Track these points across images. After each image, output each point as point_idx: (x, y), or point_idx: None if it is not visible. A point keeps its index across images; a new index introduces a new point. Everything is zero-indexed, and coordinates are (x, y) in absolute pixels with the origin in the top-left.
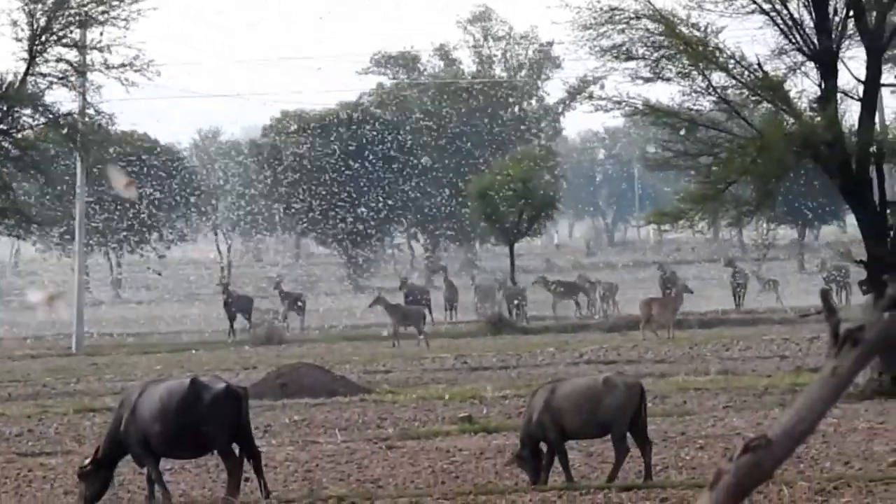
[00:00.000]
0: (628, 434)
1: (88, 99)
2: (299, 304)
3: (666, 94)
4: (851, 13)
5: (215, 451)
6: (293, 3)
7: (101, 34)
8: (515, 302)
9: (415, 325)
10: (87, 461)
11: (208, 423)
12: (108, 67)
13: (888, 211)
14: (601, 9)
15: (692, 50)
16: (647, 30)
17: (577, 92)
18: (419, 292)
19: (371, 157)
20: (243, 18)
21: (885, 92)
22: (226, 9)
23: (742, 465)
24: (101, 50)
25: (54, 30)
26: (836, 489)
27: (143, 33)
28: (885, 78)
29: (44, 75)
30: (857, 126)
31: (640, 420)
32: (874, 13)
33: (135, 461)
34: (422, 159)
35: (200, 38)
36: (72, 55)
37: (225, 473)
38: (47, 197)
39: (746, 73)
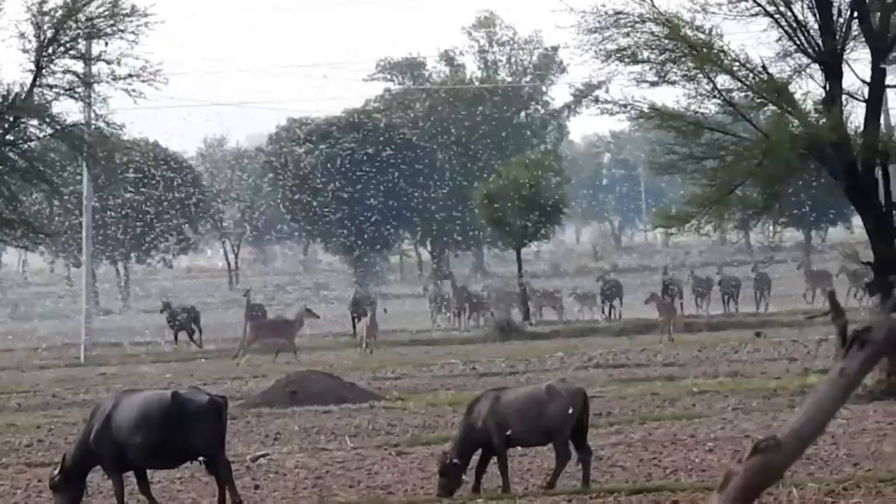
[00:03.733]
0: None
1: (96, 109)
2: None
3: (671, 97)
4: (856, 15)
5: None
6: (298, 12)
7: (107, 44)
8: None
9: (286, 338)
10: (56, 472)
11: (192, 435)
12: (115, 79)
13: (894, 212)
14: (606, 13)
15: (697, 53)
16: (652, 33)
17: (582, 96)
18: (365, 302)
19: (377, 163)
20: (249, 27)
21: (890, 93)
22: (231, 18)
23: (751, 467)
24: (108, 62)
25: (62, 41)
26: (846, 490)
27: (150, 43)
28: (890, 79)
29: (51, 86)
30: (862, 128)
31: (582, 427)
32: (878, 14)
33: (104, 472)
34: (428, 165)
35: (206, 47)
36: (79, 66)
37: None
38: (55, 207)
39: (751, 75)
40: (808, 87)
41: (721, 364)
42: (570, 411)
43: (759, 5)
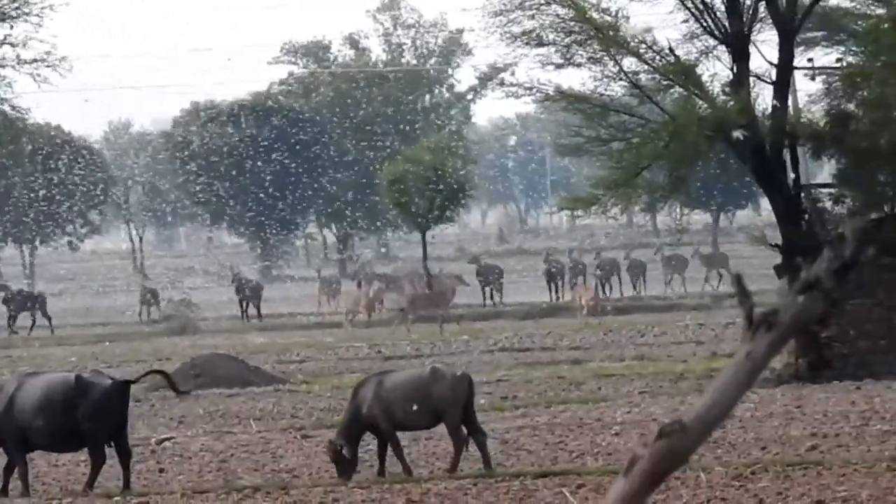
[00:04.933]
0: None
1: (1, 94)
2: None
3: (577, 79)
4: None
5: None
6: None
7: (12, 27)
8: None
9: (442, 308)
10: None
11: (93, 419)
12: (20, 63)
13: (802, 194)
14: None
15: (603, 35)
16: (558, 15)
17: (487, 79)
18: (248, 285)
19: (281, 146)
20: (153, 10)
21: (797, 75)
22: (134, 3)
23: (657, 451)
24: (13, 45)
25: None
26: (754, 474)
27: (54, 26)
28: (798, 61)
29: None
30: (770, 110)
31: (470, 412)
32: None
33: (5, 453)
34: (333, 148)
35: (112, 29)
36: None
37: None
38: None
39: (658, 57)
40: (716, 69)
41: (627, 348)
42: (455, 393)
43: None
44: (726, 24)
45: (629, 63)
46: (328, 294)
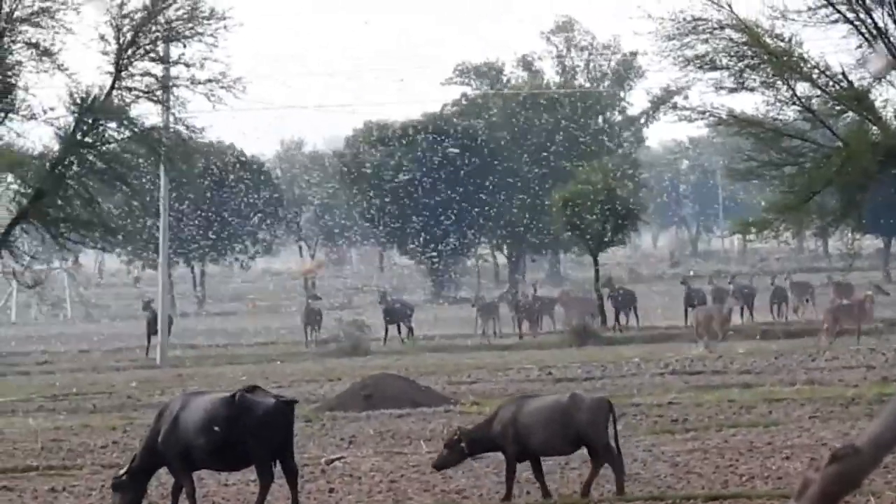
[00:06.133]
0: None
1: (174, 112)
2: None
3: (750, 103)
4: None
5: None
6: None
7: (185, 47)
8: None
9: (865, 321)
10: (123, 472)
11: (255, 437)
12: (194, 83)
13: None
14: (684, 19)
15: (776, 60)
16: (731, 40)
17: (660, 102)
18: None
19: (454, 167)
20: (326, 30)
21: None
22: (309, 21)
23: (829, 475)
24: (187, 65)
25: (141, 44)
26: None
27: (228, 45)
28: None
29: (129, 89)
30: None
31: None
32: None
33: (171, 474)
34: (505, 170)
35: (284, 49)
36: (158, 69)
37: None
38: (132, 209)
39: (831, 82)
40: (888, 95)
41: (798, 372)
42: (595, 418)
43: (838, 12)
44: None
45: (802, 88)
46: (485, 317)
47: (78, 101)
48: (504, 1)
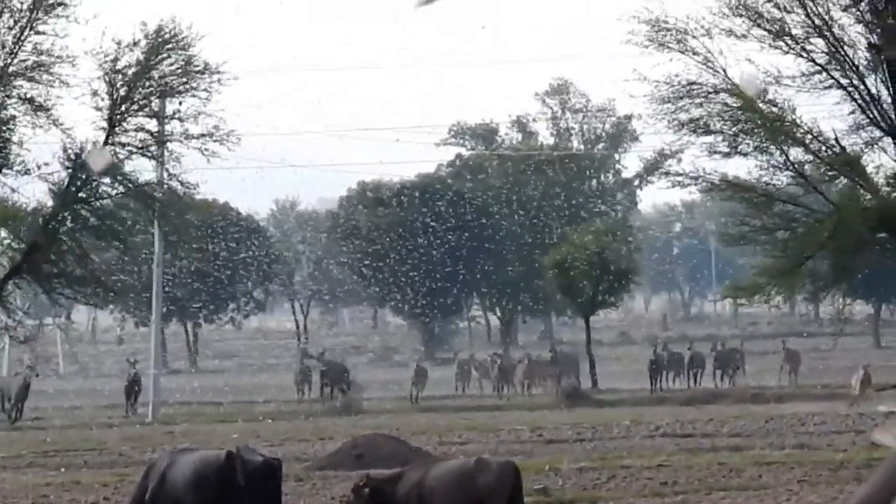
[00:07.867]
0: None
1: (168, 168)
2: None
3: (743, 168)
4: None
5: None
6: (371, 75)
7: (180, 103)
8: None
9: None
10: None
11: (245, 495)
12: (187, 137)
13: None
14: (679, 83)
15: (770, 125)
16: (726, 104)
17: (654, 167)
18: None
19: (448, 227)
20: (321, 90)
21: None
22: (303, 80)
23: None
24: (181, 120)
25: (134, 99)
26: None
27: (223, 100)
28: None
29: (123, 144)
30: None
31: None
32: None
33: None
34: (499, 231)
35: (279, 107)
36: (152, 125)
37: None
38: (125, 265)
39: (823, 148)
40: (881, 161)
41: (788, 436)
42: (500, 483)
43: (832, 78)
44: (892, 115)
45: (795, 153)
46: (463, 380)
47: (72, 156)
48: (500, 62)
